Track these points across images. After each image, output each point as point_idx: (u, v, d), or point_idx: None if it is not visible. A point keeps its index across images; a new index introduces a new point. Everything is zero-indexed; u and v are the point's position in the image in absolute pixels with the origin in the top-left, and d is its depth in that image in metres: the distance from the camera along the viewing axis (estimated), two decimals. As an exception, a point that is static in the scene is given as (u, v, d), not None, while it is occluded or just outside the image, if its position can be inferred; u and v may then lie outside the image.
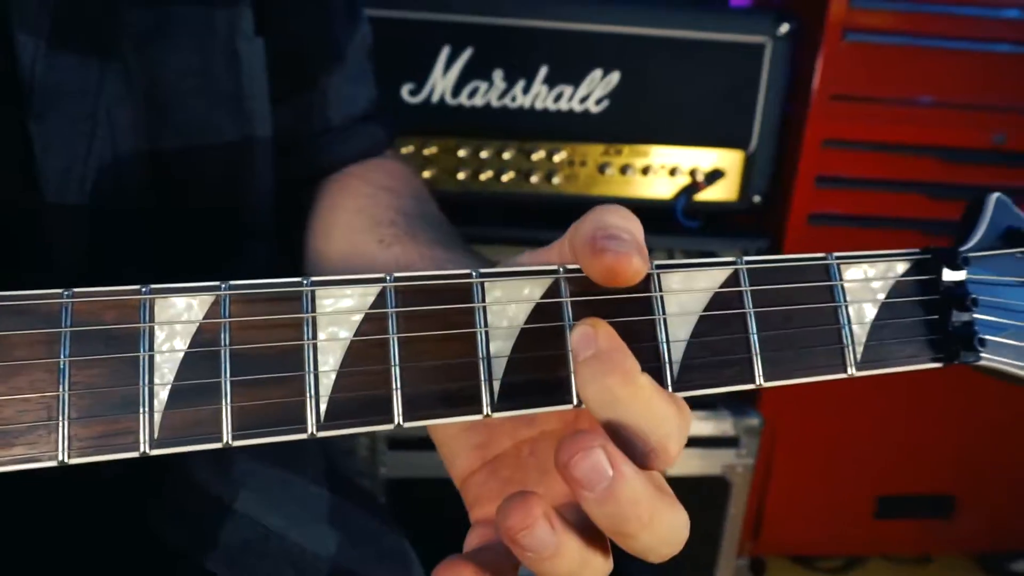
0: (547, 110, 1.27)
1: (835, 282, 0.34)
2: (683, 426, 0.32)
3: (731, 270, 0.33)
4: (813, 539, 1.67)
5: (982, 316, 0.36)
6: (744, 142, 1.33)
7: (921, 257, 0.36)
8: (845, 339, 0.34)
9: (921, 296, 0.35)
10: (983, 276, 0.37)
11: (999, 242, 0.39)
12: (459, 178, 1.29)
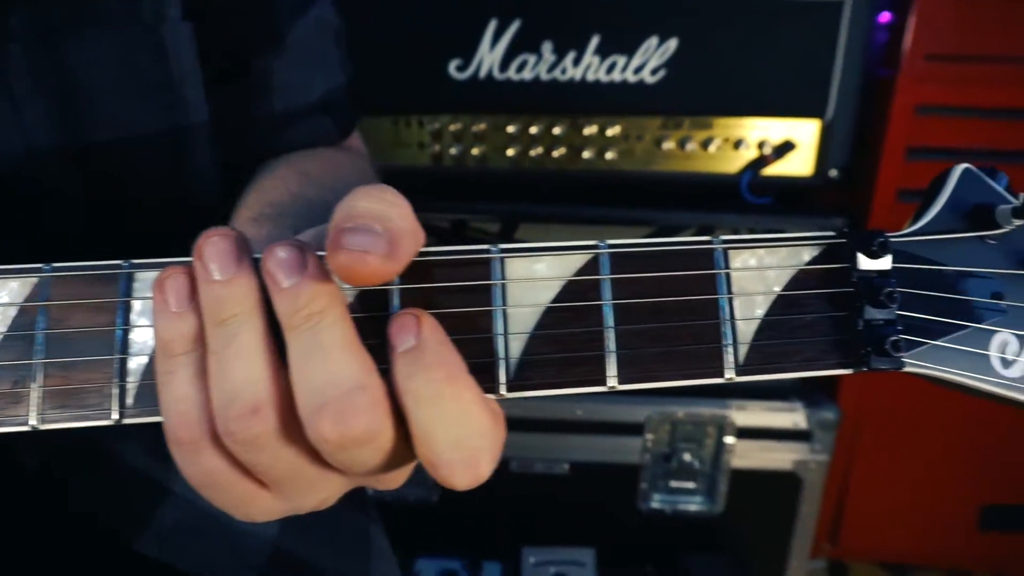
0: (599, 82, 1.21)
1: (719, 270, 0.29)
2: (497, 442, 0.28)
3: (590, 256, 0.29)
4: (905, 547, 1.54)
5: (914, 314, 0.30)
6: (819, 110, 1.21)
7: (834, 242, 0.30)
8: (725, 337, 0.29)
9: (828, 289, 0.29)
10: (926, 265, 0.31)
11: (963, 223, 0.32)
12: (509, 155, 1.26)
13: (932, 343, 0.30)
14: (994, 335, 0.31)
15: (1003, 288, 0.32)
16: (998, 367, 0.31)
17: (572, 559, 1.36)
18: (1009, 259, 0.32)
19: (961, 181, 0.32)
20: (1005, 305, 0.32)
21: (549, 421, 1.38)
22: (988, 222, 0.32)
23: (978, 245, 0.32)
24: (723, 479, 1.39)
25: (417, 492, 1.43)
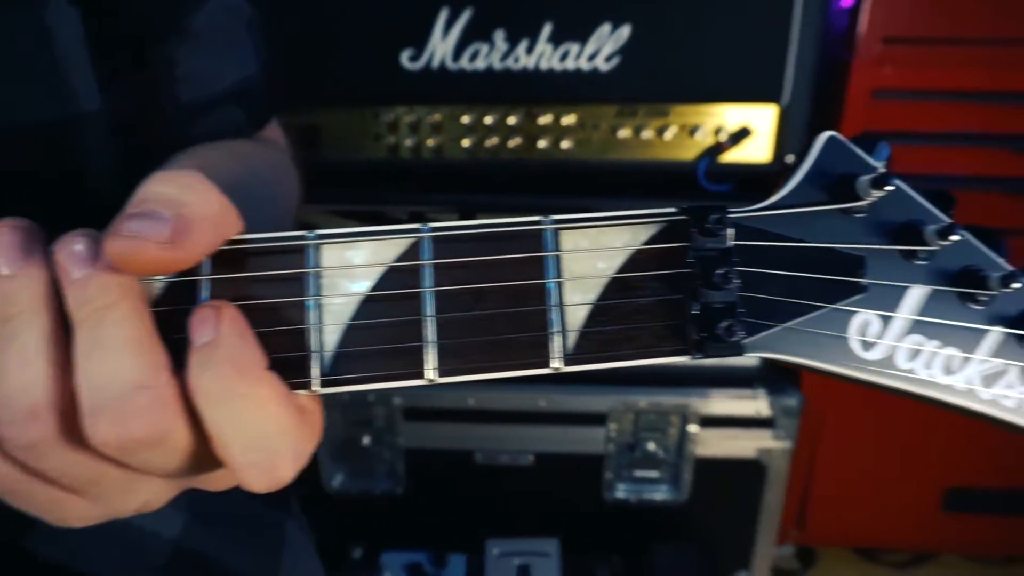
0: (553, 70, 1.19)
1: (548, 253, 0.28)
2: (302, 442, 0.27)
3: (411, 240, 0.28)
4: (872, 530, 1.53)
5: (760, 295, 0.29)
6: (775, 96, 1.20)
7: (674, 219, 0.28)
8: (552, 325, 0.27)
9: (665, 270, 0.28)
10: (777, 242, 0.29)
11: (826, 195, 0.31)
12: (464, 145, 1.24)
13: (782, 326, 0.29)
14: (853, 316, 0.30)
15: (866, 265, 0.31)
16: (857, 349, 0.30)
17: (536, 550, 1.35)
18: (874, 234, 0.31)
19: (825, 151, 0.31)
20: (867, 283, 0.30)
21: (513, 412, 1.37)
22: (851, 194, 0.30)
23: (842, 219, 0.31)
24: (687, 468, 1.38)
25: (382, 485, 1.42)
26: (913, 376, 0.30)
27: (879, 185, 0.29)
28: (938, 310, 0.31)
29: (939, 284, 0.31)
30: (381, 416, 1.39)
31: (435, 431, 1.39)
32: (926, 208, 0.31)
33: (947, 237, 0.29)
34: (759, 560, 1.46)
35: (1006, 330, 0.31)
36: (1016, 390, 0.31)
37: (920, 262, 0.31)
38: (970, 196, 1.29)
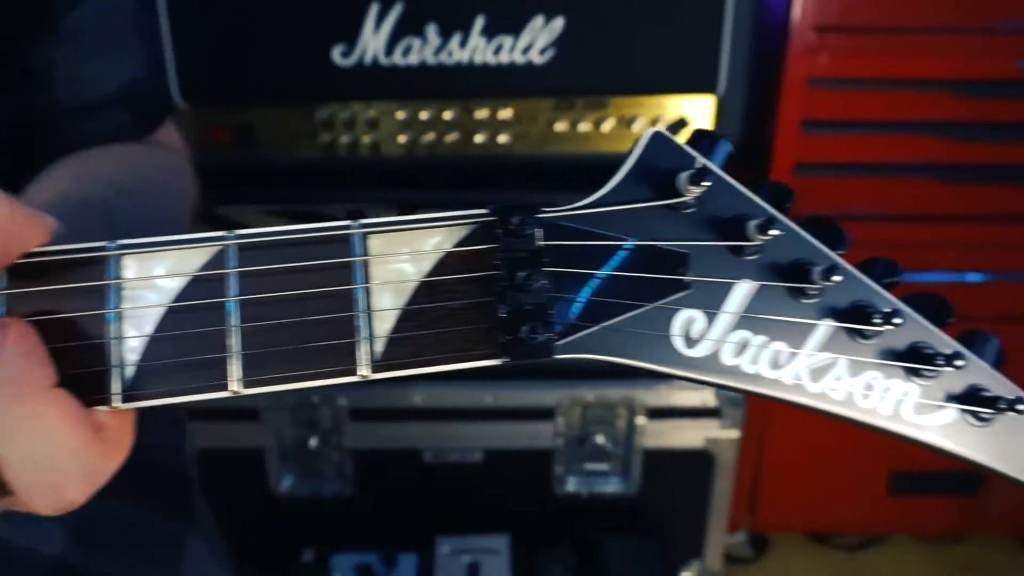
0: (487, 64, 1.18)
1: (356, 258, 0.27)
2: (95, 462, 0.26)
3: (216, 248, 0.27)
4: (822, 515, 1.56)
5: (572, 296, 0.28)
6: (711, 86, 1.20)
7: (484, 220, 0.28)
8: (359, 331, 0.27)
9: (474, 272, 0.27)
10: (595, 241, 0.29)
11: (653, 192, 0.31)
12: (400, 142, 1.23)
13: (599, 326, 0.29)
14: (676, 313, 0.30)
15: (690, 262, 0.30)
16: (681, 347, 0.30)
17: (486, 547, 1.35)
18: (701, 230, 0.31)
19: (650, 147, 0.31)
20: (690, 280, 0.30)
21: (460, 410, 1.36)
22: (670, 189, 0.30)
23: (669, 215, 0.31)
24: (637, 460, 1.39)
25: (332, 487, 1.41)
26: (739, 371, 0.30)
27: (696, 181, 0.29)
28: (767, 305, 0.31)
29: (767, 279, 0.31)
30: (327, 417, 1.38)
31: (382, 431, 1.38)
32: (754, 202, 0.31)
33: (766, 232, 0.29)
34: (712, 548, 1.47)
35: (835, 324, 0.31)
36: (845, 382, 0.31)
37: (750, 257, 0.31)
38: (905, 183, 1.31)
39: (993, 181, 1.30)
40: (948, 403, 0.32)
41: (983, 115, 1.27)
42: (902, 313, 0.31)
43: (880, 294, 0.32)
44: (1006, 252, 1.33)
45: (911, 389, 0.32)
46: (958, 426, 0.33)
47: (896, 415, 0.32)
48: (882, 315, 0.31)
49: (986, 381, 0.33)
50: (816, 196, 1.31)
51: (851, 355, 0.31)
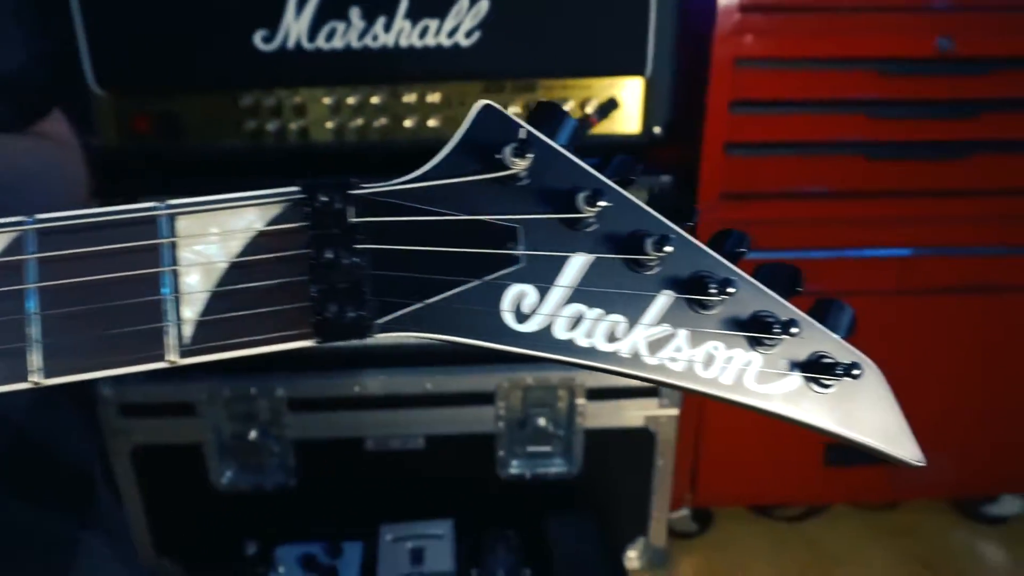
0: (413, 47, 1.17)
1: (163, 240, 0.26)
2: None
3: (14, 234, 0.26)
4: (762, 488, 1.59)
5: (394, 273, 0.28)
6: (639, 68, 1.20)
7: (296, 198, 0.27)
8: (166, 316, 0.26)
9: (286, 252, 0.27)
10: (417, 216, 0.29)
11: (481, 166, 0.30)
12: (329, 127, 1.21)
13: (422, 303, 0.28)
14: (507, 288, 0.30)
15: (520, 236, 0.30)
16: (511, 322, 0.30)
17: (429, 532, 1.35)
18: (534, 203, 0.30)
19: (479, 120, 0.30)
20: (520, 254, 0.30)
21: (400, 396, 1.36)
22: (495, 161, 0.30)
23: (501, 189, 0.30)
24: (578, 440, 1.40)
25: (274, 478, 1.40)
26: (572, 345, 0.30)
27: (521, 153, 0.28)
28: (603, 278, 0.31)
29: (603, 251, 0.31)
30: (266, 409, 1.36)
31: (323, 420, 1.36)
32: (590, 174, 0.31)
33: (595, 203, 0.29)
34: (655, 525, 1.49)
35: (673, 294, 0.31)
36: (685, 353, 0.31)
37: (588, 229, 0.31)
38: (833, 161, 1.33)
39: (918, 157, 1.32)
40: (791, 371, 0.33)
41: (907, 93, 1.29)
42: (736, 283, 0.31)
43: (723, 264, 0.32)
44: (932, 226, 1.36)
45: (754, 358, 0.32)
46: (801, 393, 0.33)
47: (738, 384, 0.32)
48: (718, 284, 0.31)
49: (830, 348, 0.34)
50: (746, 175, 1.32)
51: (691, 326, 0.31)
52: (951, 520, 1.65)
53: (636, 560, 1.51)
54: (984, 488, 1.61)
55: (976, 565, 1.54)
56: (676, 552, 1.56)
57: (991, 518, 1.63)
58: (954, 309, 1.41)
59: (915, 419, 1.21)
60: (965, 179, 1.32)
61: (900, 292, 1.39)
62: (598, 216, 0.30)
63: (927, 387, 1.47)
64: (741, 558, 1.56)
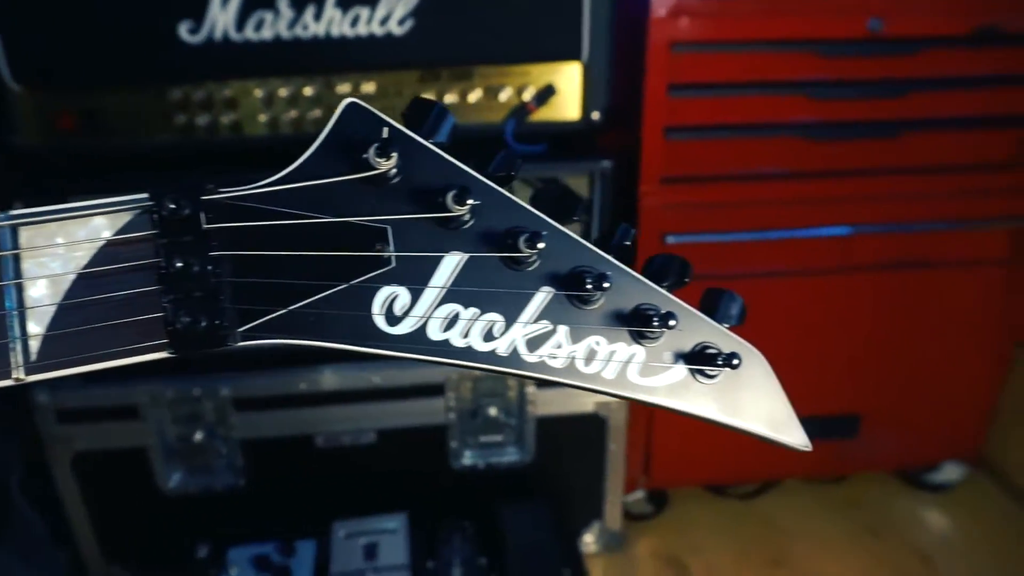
0: (345, 37, 1.15)
1: (4, 252, 0.25)
2: None
3: None
4: (717, 467, 1.61)
5: (255, 280, 0.27)
6: (576, 53, 1.20)
7: (143, 207, 0.26)
8: (11, 331, 0.25)
9: (137, 261, 0.26)
10: (280, 220, 0.28)
11: (349, 165, 0.30)
12: (262, 120, 1.18)
13: (286, 309, 0.27)
14: (377, 291, 0.29)
15: (390, 237, 0.29)
16: (383, 325, 0.29)
17: (383, 527, 1.34)
18: (404, 202, 0.30)
19: (344, 118, 0.29)
20: (391, 255, 0.29)
21: (348, 392, 1.34)
22: (361, 160, 0.29)
23: (371, 189, 0.29)
24: (530, 428, 1.40)
25: (223, 480, 1.38)
26: (448, 346, 0.30)
27: (384, 153, 0.28)
28: (479, 276, 0.30)
29: (480, 250, 0.30)
30: (210, 410, 1.34)
31: (271, 419, 1.35)
32: (460, 171, 0.30)
33: (464, 202, 0.28)
34: (610, 508, 1.51)
35: (552, 291, 0.31)
36: (565, 349, 0.31)
37: (463, 228, 0.30)
38: (772, 143, 1.34)
39: (853, 137, 1.34)
40: (675, 363, 0.33)
41: (841, 74, 1.30)
42: (614, 277, 0.31)
43: (603, 258, 0.32)
44: (870, 205, 1.39)
45: (637, 352, 0.32)
46: (686, 385, 0.33)
47: (622, 379, 0.32)
48: (595, 280, 0.30)
49: (715, 339, 0.34)
50: (687, 159, 1.33)
51: (571, 322, 0.31)
52: (896, 489, 1.70)
53: (592, 544, 1.53)
54: (926, 457, 1.66)
55: (920, 531, 1.59)
56: (632, 534, 1.58)
57: (934, 485, 1.68)
58: (893, 285, 1.44)
59: (857, 393, 1.25)
60: (897, 157, 1.35)
61: (841, 270, 1.42)
62: (473, 213, 0.30)
63: (868, 361, 1.51)
64: (697, 537, 1.58)
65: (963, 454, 1.65)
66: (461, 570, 1.30)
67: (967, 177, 1.38)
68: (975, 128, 1.36)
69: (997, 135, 1.37)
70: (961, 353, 1.52)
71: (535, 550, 1.35)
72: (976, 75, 1.31)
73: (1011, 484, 1.65)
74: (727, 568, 1.50)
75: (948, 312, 1.47)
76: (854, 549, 1.53)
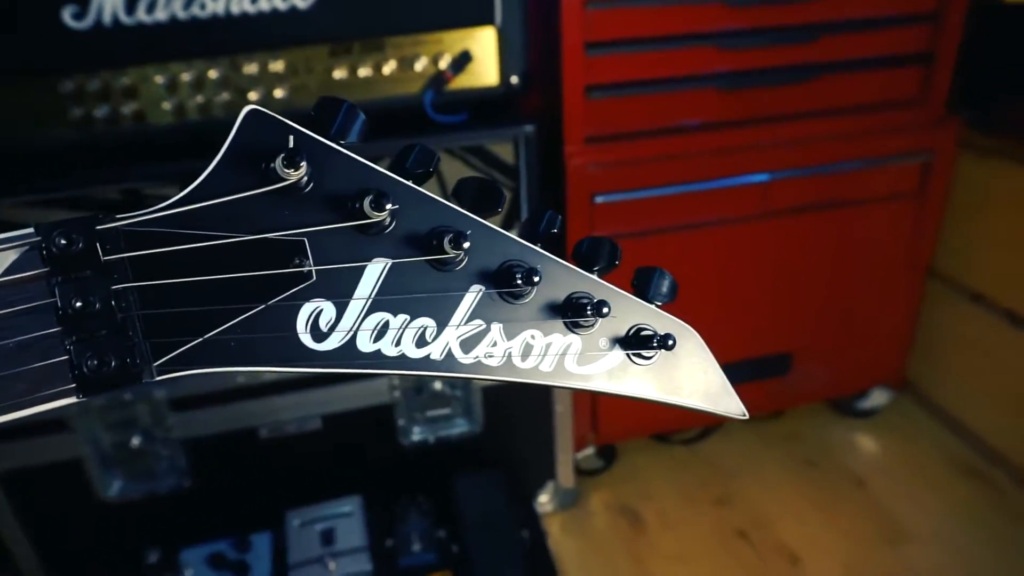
0: (247, 14, 1.09)
1: None
2: None
3: None
4: (660, 417, 1.65)
5: (166, 310, 0.25)
6: (488, 17, 1.17)
7: (31, 242, 0.24)
8: None
9: (33, 302, 0.24)
10: (186, 244, 0.26)
11: (255, 177, 0.28)
12: (166, 108, 1.12)
13: (203, 338, 0.26)
14: (300, 308, 0.28)
15: (309, 249, 0.28)
16: (309, 343, 0.28)
17: (338, 512, 1.34)
18: (320, 211, 0.28)
19: (245, 127, 0.27)
20: (311, 269, 0.28)
21: (290, 381, 1.32)
22: (275, 174, 0.27)
23: (284, 200, 0.28)
24: (477, 398, 1.40)
25: (167, 482, 1.34)
26: (380, 356, 0.29)
27: (293, 163, 0.26)
28: (406, 282, 0.29)
29: (403, 255, 0.29)
30: (145, 413, 1.29)
31: (211, 416, 1.31)
32: (374, 173, 0.29)
33: (382, 206, 0.27)
34: (562, 468, 1.54)
35: (482, 289, 0.30)
36: (500, 347, 0.31)
37: (385, 232, 0.29)
38: (688, 95, 1.35)
39: (768, 84, 1.37)
40: (612, 348, 0.33)
41: (753, 22, 1.32)
42: (542, 270, 0.30)
43: (531, 250, 0.32)
44: (787, 150, 1.42)
45: (573, 341, 0.32)
46: (624, 368, 0.33)
47: (559, 370, 0.32)
48: (524, 274, 0.30)
49: (649, 320, 0.34)
50: (609, 117, 1.33)
51: (504, 318, 0.31)
52: (830, 419, 1.78)
53: (548, 504, 1.56)
54: (855, 386, 1.75)
55: (853, 456, 1.68)
56: (585, 490, 1.62)
57: (863, 412, 1.77)
58: (812, 226, 1.49)
59: (787, 332, 1.29)
60: (809, 102, 1.39)
61: (763, 216, 1.46)
62: (392, 217, 0.29)
63: (795, 301, 1.56)
64: (647, 485, 1.63)
65: (888, 380, 1.74)
66: (420, 545, 1.31)
67: (875, 117, 1.43)
68: (880, 68, 1.40)
69: (901, 73, 1.42)
70: (880, 285, 1.59)
71: (492, 516, 1.37)
72: (878, 16, 1.35)
73: (932, 404, 1.76)
74: (677, 511, 1.56)
75: (865, 247, 1.54)
76: (794, 480, 1.61)
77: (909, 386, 1.80)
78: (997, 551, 1.42)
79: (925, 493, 1.56)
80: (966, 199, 1.56)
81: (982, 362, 1.60)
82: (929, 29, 1.38)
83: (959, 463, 1.63)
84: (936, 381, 1.74)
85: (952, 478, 1.60)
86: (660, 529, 1.52)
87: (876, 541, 1.46)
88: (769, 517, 1.52)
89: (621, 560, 1.46)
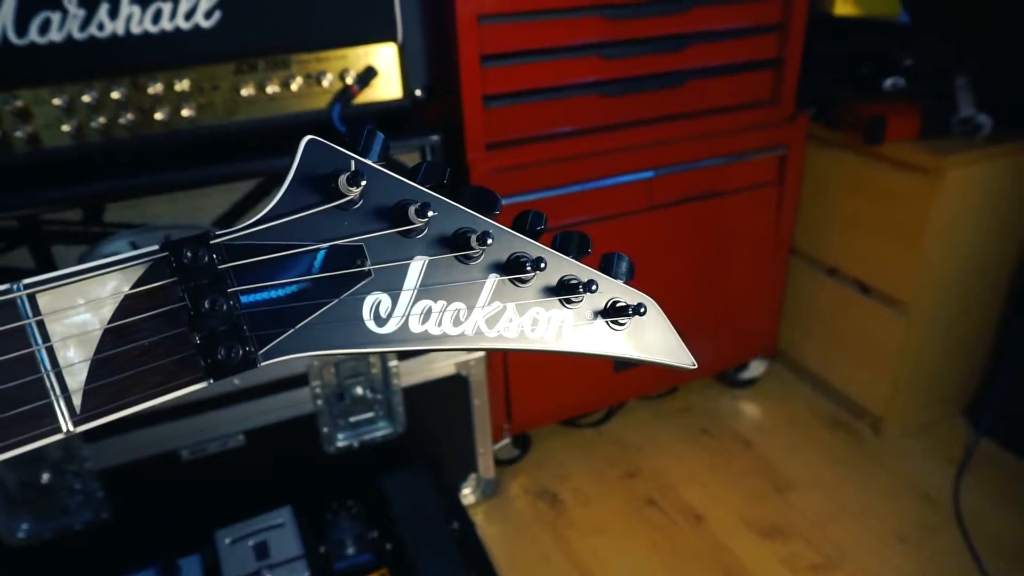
0: (149, 33, 1.09)
1: (26, 321, 0.27)
2: None
3: None
4: (568, 403, 1.77)
5: (261, 309, 0.31)
6: (390, 33, 1.23)
7: (156, 258, 0.29)
8: (52, 391, 0.27)
9: (160, 308, 0.29)
10: (271, 254, 0.32)
11: (319, 197, 0.34)
12: (65, 130, 1.10)
13: (294, 328, 0.31)
14: (364, 299, 0.34)
15: (366, 252, 0.34)
16: (373, 327, 0.34)
17: (269, 524, 1.34)
18: (371, 221, 0.35)
19: (307, 154, 0.33)
20: (369, 268, 0.34)
21: (209, 399, 1.31)
22: (339, 192, 0.33)
23: (341, 214, 0.34)
24: (398, 400, 1.45)
25: (82, 517, 1.29)
26: (428, 335, 0.35)
27: (355, 181, 0.32)
28: (440, 274, 0.36)
29: (435, 253, 0.36)
30: (55, 447, 1.24)
31: (127, 442, 1.28)
32: (411, 187, 0.35)
33: (425, 214, 0.34)
34: (483, 460, 1.61)
35: (497, 276, 0.38)
36: (515, 323, 0.38)
37: (419, 236, 0.36)
38: (577, 101, 1.47)
39: (645, 90, 1.51)
40: (595, 319, 0.41)
41: (629, 33, 1.45)
42: (543, 258, 0.38)
43: (530, 243, 0.39)
44: (666, 149, 1.57)
45: (567, 315, 0.40)
46: (606, 334, 0.41)
47: (560, 338, 0.40)
48: (531, 263, 0.37)
49: (620, 295, 0.42)
50: (506, 125, 1.42)
51: (515, 299, 0.38)
52: (718, 391, 1.96)
53: (471, 495, 1.63)
54: (737, 359, 1.94)
55: (739, 421, 1.86)
56: (504, 478, 1.70)
57: (745, 381, 1.96)
58: (691, 215, 1.65)
59: (674, 314, 1.43)
60: (684, 104, 1.54)
61: (649, 209, 1.60)
62: (427, 223, 0.36)
63: (678, 285, 1.72)
64: (561, 468, 1.73)
65: (764, 351, 1.94)
66: (355, 547, 1.35)
67: (737, 116, 1.61)
68: (740, 72, 1.57)
69: (756, 76, 1.60)
70: (752, 265, 1.78)
71: (421, 512, 1.42)
72: (735, 27, 1.52)
73: (801, 369, 1.98)
74: (591, 488, 1.68)
75: (737, 233, 1.72)
76: (692, 448, 1.77)
77: (781, 355, 2.02)
78: (861, 487, 1.64)
79: (802, 446, 1.77)
80: (816, 185, 1.78)
81: (840, 327, 1.83)
82: (777, 37, 1.57)
83: (828, 417, 1.86)
84: (803, 348, 1.96)
85: (823, 431, 1.81)
86: (577, 506, 1.63)
87: (766, 492, 1.64)
88: (673, 483, 1.67)
89: (545, 540, 1.56)
